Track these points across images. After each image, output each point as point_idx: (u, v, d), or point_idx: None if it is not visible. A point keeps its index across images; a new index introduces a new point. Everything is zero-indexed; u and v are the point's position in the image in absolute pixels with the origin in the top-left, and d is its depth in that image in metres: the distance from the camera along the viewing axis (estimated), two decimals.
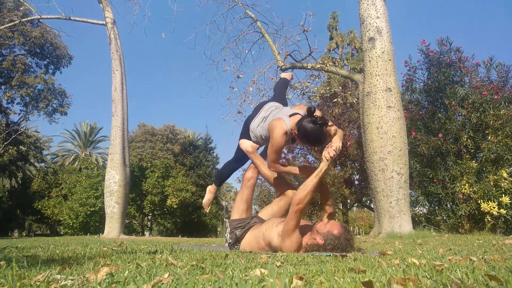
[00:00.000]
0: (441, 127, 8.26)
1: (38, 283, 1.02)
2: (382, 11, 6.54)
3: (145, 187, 20.82)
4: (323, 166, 2.39)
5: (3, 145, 17.75)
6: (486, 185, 7.29)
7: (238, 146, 3.05)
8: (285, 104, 3.26)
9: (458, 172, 7.68)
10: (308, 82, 9.65)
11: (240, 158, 3.12)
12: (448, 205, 8.14)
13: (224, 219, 2.86)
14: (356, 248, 2.36)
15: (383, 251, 2.19)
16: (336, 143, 2.45)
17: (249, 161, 3.06)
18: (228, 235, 2.76)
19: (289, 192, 2.76)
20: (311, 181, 2.35)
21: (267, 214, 2.80)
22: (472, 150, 8.02)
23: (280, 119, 2.62)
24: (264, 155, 3.08)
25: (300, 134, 2.48)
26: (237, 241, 2.71)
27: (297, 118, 2.57)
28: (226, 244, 2.80)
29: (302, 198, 2.31)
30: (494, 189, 7.28)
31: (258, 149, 2.95)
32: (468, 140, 7.93)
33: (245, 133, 3.01)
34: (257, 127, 2.87)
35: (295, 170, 2.72)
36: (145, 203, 21.02)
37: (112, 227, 10.00)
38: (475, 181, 7.48)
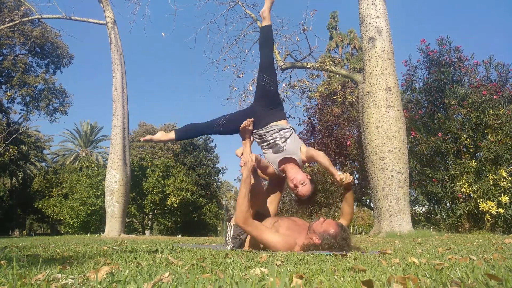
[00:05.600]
0: (440, 126, 8.25)
1: (38, 282, 1.02)
2: (382, 11, 6.53)
3: (146, 187, 20.83)
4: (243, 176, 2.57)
5: (4, 144, 17.75)
6: (485, 185, 7.29)
7: (226, 118, 2.99)
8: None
9: (458, 172, 7.67)
10: (308, 81, 9.66)
11: (212, 126, 3.01)
12: (448, 204, 8.14)
13: (227, 223, 2.84)
14: (353, 247, 2.33)
15: (383, 250, 2.19)
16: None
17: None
18: (230, 240, 2.75)
19: (277, 194, 2.97)
20: (240, 193, 2.51)
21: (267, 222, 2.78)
22: (471, 150, 8.02)
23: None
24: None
25: (304, 198, 2.61)
26: (241, 245, 2.71)
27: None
28: (228, 247, 2.77)
29: (239, 215, 2.43)
30: (493, 188, 7.28)
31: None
32: (468, 140, 7.93)
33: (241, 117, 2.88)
34: (292, 148, 2.76)
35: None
36: (145, 202, 21.03)
37: (112, 226, 10.00)
38: (474, 181, 7.47)
